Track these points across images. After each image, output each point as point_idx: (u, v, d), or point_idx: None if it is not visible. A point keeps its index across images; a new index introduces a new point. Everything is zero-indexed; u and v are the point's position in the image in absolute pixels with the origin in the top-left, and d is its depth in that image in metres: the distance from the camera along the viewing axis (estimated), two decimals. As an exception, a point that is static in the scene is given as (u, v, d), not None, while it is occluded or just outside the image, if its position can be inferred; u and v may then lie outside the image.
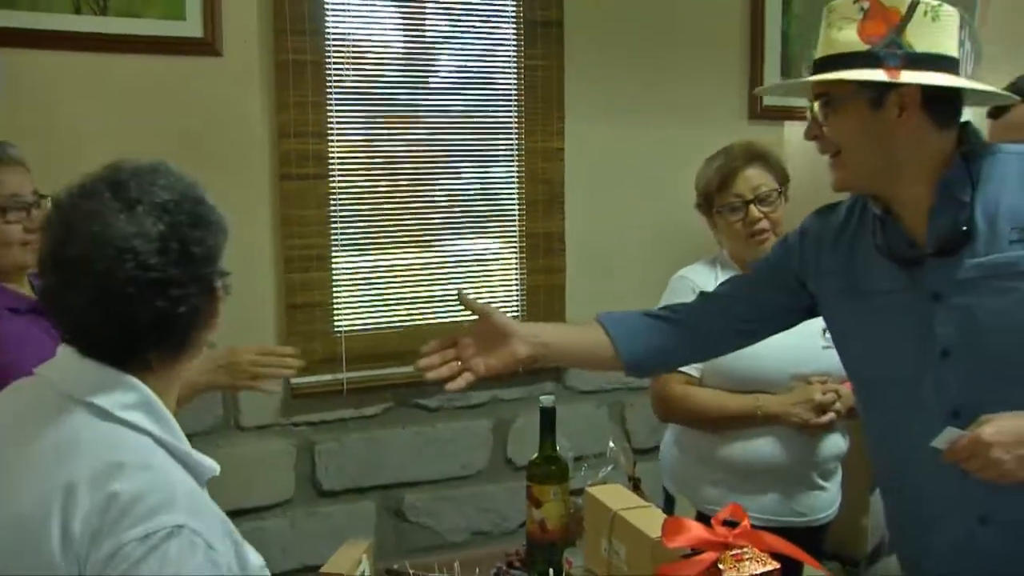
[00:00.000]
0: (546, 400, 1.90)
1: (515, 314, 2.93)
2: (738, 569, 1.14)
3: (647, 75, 3.00)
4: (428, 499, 2.87)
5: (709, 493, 2.05)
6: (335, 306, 2.74)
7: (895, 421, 1.60)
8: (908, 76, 1.41)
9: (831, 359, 2.06)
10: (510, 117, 2.89)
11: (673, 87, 3.03)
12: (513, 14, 2.85)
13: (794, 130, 3.17)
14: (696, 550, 1.19)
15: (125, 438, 1.04)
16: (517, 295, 2.94)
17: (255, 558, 1.15)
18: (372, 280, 2.81)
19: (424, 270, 2.85)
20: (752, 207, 2.10)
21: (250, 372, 1.95)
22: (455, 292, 2.80)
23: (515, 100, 2.88)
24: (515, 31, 2.86)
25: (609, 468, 2.03)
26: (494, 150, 2.90)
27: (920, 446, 1.48)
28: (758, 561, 1.16)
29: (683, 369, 2.10)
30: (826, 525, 2.16)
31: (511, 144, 2.90)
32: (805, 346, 2.06)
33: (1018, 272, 1.44)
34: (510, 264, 2.94)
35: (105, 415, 1.04)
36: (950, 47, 1.47)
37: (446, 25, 2.81)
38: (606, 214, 2.97)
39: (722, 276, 2.15)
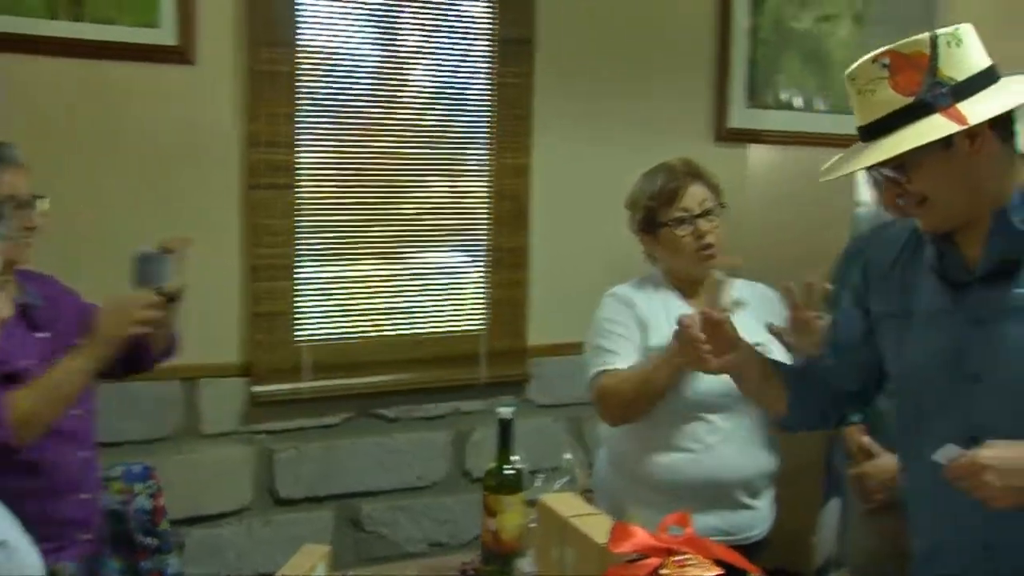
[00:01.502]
0: (505, 412, 1.93)
1: (480, 327, 2.96)
2: (681, 574, 1.17)
3: (616, 95, 3.05)
4: (385, 509, 2.88)
5: (639, 514, 2.03)
6: (297, 316, 2.75)
7: (917, 437, 1.64)
8: (968, 109, 1.41)
9: None
10: (481, 132, 2.92)
11: (641, 108, 3.08)
12: (488, 30, 2.89)
13: (758, 153, 3.24)
14: (642, 555, 1.23)
15: None
16: (481, 309, 2.97)
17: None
18: (336, 291, 2.82)
19: (389, 282, 2.87)
20: (700, 221, 2.14)
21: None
22: (419, 304, 2.85)
23: (487, 116, 2.92)
24: (488, 47, 2.90)
25: (565, 480, 2.06)
26: (464, 165, 2.93)
27: (936, 465, 1.52)
28: (701, 567, 1.20)
29: (618, 365, 2.13)
30: (758, 543, 2.17)
31: (481, 159, 2.93)
32: None
33: None
34: (475, 278, 2.97)
35: None
36: (983, 60, 1.47)
37: (418, 40, 2.84)
38: (571, 230, 3.01)
39: (655, 296, 2.19)
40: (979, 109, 1.41)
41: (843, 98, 3.44)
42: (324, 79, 2.73)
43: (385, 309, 2.88)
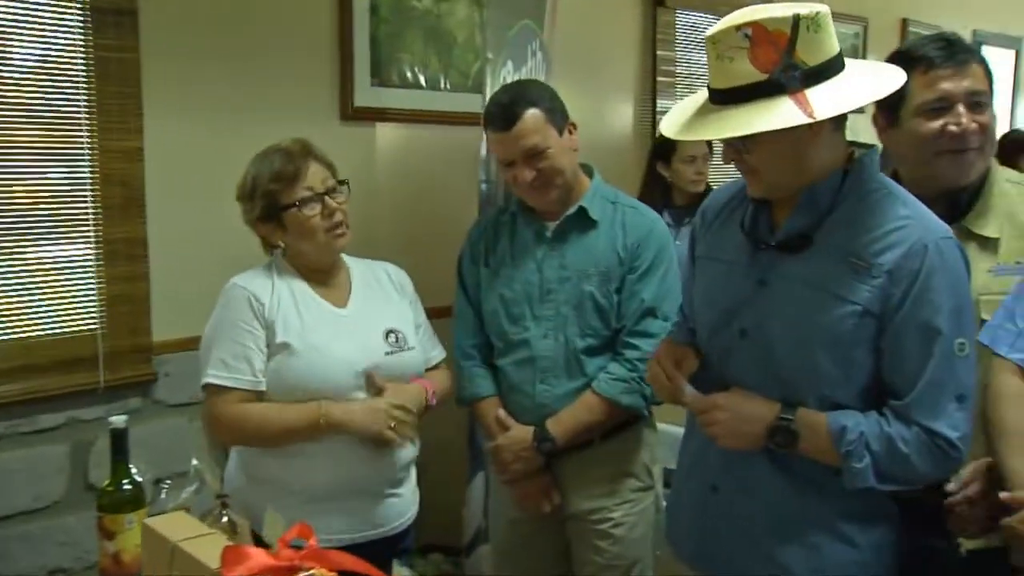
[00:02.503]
0: (117, 421, 1.77)
1: (96, 326, 2.69)
2: (306, 591, 1.11)
3: (236, 73, 2.88)
4: (-7, 540, 2.55)
5: (278, 518, 1.92)
6: None
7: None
8: (817, 98, 1.48)
9: (396, 364, 2.11)
10: (80, 113, 2.63)
11: (263, 86, 2.93)
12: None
13: (385, 131, 3.23)
14: (263, 576, 1.15)
15: None
16: (95, 306, 2.70)
17: None
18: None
19: (-20, 282, 2.53)
20: (327, 199, 2.08)
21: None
22: (20, 305, 2.54)
23: (85, 95, 2.63)
24: (82, 18, 2.61)
25: (193, 488, 1.93)
26: (65, 147, 2.63)
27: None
28: (326, 580, 1.15)
29: (239, 385, 2.02)
30: (406, 531, 2.18)
31: (82, 142, 2.64)
32: (368, 354, 2.08)
33: (825, 288, 1.59)
34: (86, 273, 2.69)
35: None
36: (833, 48, 1.54)
37: (6, 6, 2.50)
38: (194, 217, 2.81)
39: (281, 286, 2.10)
40: (827, 103, 1.49)
41: (465, 77, 3.56)
42: None
43: (-22, 314, 2.53)
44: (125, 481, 1.74)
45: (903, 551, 1.71)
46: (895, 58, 1.81)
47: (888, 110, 1.85)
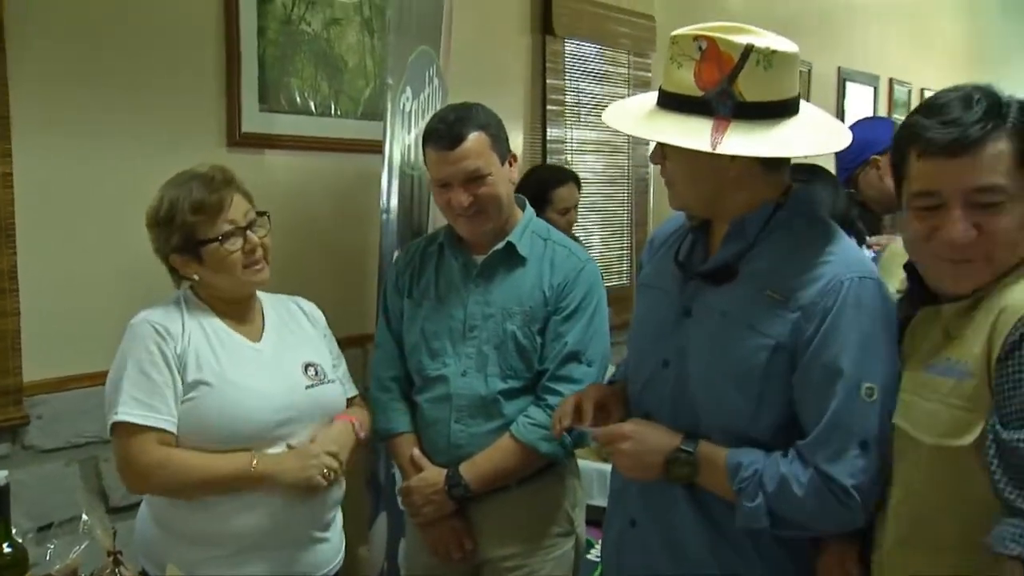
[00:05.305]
0: (-2, 476, 1.60)
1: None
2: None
3: (116, 96, 2.69)
4: None
5: (201, 573, 1.78)
6: None
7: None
8: (732, 135, 1.45)
9: (317, 398, 2.02)
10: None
11: (146, 110, 2.76)
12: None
13: (276, 159, 3.10)
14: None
15: None
16: (-43, 345, 2.48)
17: None
18: None
19: None
20: (249, 233, 1.97)
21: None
22: None
23: (-52, 114, 2.43)
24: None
25: (83, 546, 1.78)
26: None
27: None
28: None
29: (157, 424, 1.87)
30: None
31: (-56, 166, 2.43)
32: (288, 388, 1.98)
33: (741, 319, 1.56)
34: (-54, 310, 2.47)
35: None
36: (783, 90, 1.50)
37: None
38: (72, 248, 2.62)
39: (189, 320, 1.97)
40: (737, 142, 1.46)
41: (356, 104, 3.47)
42: None
43: None
44: (6, 544, 1.59)
45: None
46: (904, 124, 1.52)
47: (896, 179, 1.55)
